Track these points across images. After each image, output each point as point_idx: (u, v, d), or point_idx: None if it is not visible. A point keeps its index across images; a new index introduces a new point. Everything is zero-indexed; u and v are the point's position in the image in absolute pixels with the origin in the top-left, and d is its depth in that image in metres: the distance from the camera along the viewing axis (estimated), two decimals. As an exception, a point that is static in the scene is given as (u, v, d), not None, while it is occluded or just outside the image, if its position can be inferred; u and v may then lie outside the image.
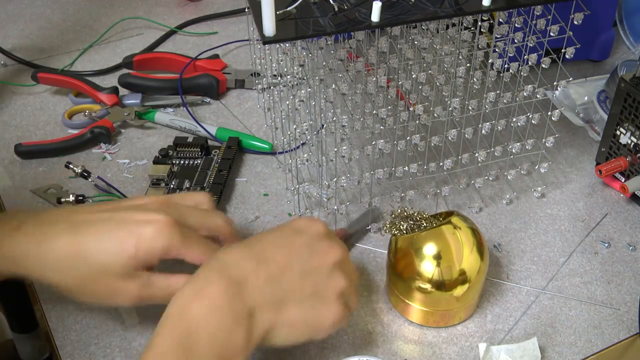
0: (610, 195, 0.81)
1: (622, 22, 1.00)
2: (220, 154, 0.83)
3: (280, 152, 0.85)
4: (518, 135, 0.77)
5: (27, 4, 1.12)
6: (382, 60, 0.71)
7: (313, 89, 0.71)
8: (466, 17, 0.71)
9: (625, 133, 0.77)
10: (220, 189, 0.78)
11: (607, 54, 0.98)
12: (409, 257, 0.64)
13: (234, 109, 0.92)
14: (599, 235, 0.76)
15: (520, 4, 0.65)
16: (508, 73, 0.73)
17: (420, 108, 0.72)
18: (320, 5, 0.63)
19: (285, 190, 0.80)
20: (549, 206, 0.79)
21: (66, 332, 0.66)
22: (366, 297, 0.70)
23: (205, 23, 1.07)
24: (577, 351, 0.65)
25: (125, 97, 0.91)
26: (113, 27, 1.05)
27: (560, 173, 0.83)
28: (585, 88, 0.92)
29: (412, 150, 0.74)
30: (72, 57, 1.00)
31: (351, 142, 0.75)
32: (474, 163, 0.76)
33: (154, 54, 0.97)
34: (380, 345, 0.66)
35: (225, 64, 0.97)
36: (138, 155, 0.85)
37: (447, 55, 0.72)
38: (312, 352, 0.65)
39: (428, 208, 0.78)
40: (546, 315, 0.68)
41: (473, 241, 0.64)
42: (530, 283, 0.71)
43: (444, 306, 0.65)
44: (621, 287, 0.71)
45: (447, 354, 0.65)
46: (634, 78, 0.75)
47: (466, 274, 0.63)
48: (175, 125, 0.88)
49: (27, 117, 0.91)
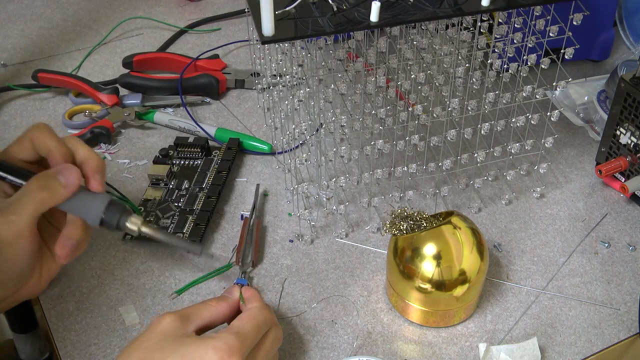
0: (610, 195, 0.81)
1: (622, 22, 1.00)
2: (220, 154, 0.83)
3: (279, 152, 0.85)
4: (517, 136, 0.77)
5: (27, 4, 1.12)
6: (381, 61, 0.71)
7: (312, 89, 0.71)
8: (465, 18, 0.71)
9: (625, 133, 0.77)
10: (219, 190, 0.78)
11: (607, 54, 0.98)
12: (409, 257, 0.64)
13: (233, 109, 0.92)
14: (599, 235, 0.76)
15: (520, 5, 0.65)
16: (507, 73, 0.73)
17: (419, 108, 0.72)
18: (320, 5, 0.63)
19: (285, 190, 0.80)
20: (549, 206, 0.79)
21: (66, 332, 0.67)
22: (366, 297, 0.70)
23: (205, 24, 1.07)
24: (577, 351, 0.65)
25: (126, 97, 0.91)
26: (113, 28, 1.05)
27: (560, 173, 0.83)
28: (585, 88, 0.92)
29: (411, 150, 0.74)
30: (73, 57, 1.00)
31: (350, 142, 0.75)
32: (474, 163, 0.76)
33: (154, 54, 0.97)
34: (380, 345, 0.66)
35: (225, 64, 0.97)
36: (138, 155, 0.85)
37: (446, 56, 0.72)
38: (312, 352, 0.65)
39: (427, 208, 0.78)
40: (546, 315, 0.68)
41: (473, 241, 0.64)
42: (530, 283, 0.71)
43: (444, 306, 0.65)
44: (621, 287, 0.71)
45: (447, 354, 0.65)
46: (634, 78, 0.75)
47: (466, 274, 0.63)
48: (174, 125, 0.88)
49: (27, 117, 0.91)
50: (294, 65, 0.69)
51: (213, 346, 0.54)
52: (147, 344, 0.55)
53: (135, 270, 0.72)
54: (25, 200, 0.58)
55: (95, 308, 0.69)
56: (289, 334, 0.67)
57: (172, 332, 0.56)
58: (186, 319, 0.58)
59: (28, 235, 0.58)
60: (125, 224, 0.62)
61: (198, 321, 0.58)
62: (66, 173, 0.59)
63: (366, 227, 0.76)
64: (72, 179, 0.59)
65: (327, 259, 0.73)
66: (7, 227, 0.57)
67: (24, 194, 0.58)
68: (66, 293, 0.70)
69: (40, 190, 0.58)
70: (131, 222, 0.61)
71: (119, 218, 0.61)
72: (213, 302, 0.61)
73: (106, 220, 0.61)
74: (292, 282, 0.71)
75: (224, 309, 0.61)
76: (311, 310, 0.69)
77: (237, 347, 0.55)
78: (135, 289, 0.70)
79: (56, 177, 0.59)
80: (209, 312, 0.60)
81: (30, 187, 0.58)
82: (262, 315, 0.59)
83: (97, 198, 0.61)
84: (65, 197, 0.59)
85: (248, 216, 0.77)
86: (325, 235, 0.76)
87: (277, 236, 0.76)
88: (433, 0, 0.64)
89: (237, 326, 0.57)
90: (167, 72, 0.96)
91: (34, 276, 0.62)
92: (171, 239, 0.64)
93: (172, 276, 0.71)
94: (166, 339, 0.56)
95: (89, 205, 0.61)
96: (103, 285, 0.71)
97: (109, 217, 0.61)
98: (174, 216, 0.76)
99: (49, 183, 0.58)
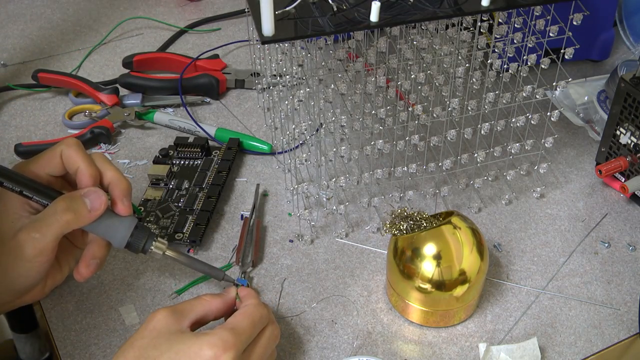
0: (610, 195, 0.81)
1: (622, 22, 1.00)
2: (220, 154, 0.83)
3: (279, 152, 0.85)
4: (517, 136, 0.77)
5: (27, 4, 1.12)
6: (381, 60, 0.71)
7: (312, 89, 0.71)
8: (465, 18, 0.71)
9: (625, 133, 0.77)
10: (219, 190, 0.78)
11: (607, 54, 0.98)
12: (409, 257, 0.64)
13: (233, 109, 0.92)
14: (599, 235, 0.76)
15: (520, 5, 0.65)
16: (507, 73, 0.73)
17: (419, 108, 0.72)
18: (320, 5, 0.63)
19: (285, 190, 0.80)
20: (549, 206, 0.79)
21: (66, 332, 0.67)
22: (366, 297, 0.70)
23: (205, 24, 1.07)
24: (577, 351, 0.65)
25: (126, 97, 0.91)
26: (113, 28, 1.05)
27: (560, 173, 0.83)
28: (585, 88, 0.92)
29: (411, 150, 0.74)
30: (73, 57, 1.00)
31: (350, 142, 0.75)
32: (473, 163, 0.76)
33: (154, 54, 0.97)
34: (380, 345, 0.66)
35: (225, 64, 0.97)
36: (138, 155, 0.85)
37: (446, 56, 0.72)
38: (312, 352, 0.65)
39: (427, 208, 0.78)
40: (546, 315, 0.68)
41: (473, 241, 0.64)
42: (530, 283, 0.71)
43: (444, 306, 0.65)
44: (621, 287, 0.71)
45: (447, 354, 0.65)
46: (634, 78, 0.75)
47: (466, 274, 0.63)
48: (174, 125, 0.88)
49: (27, 117, 0.91)
50: (294, 65, 0.69)
51: (208, 342, 0.54)
52: (142, 341, 0.56)
53: (135, 270, 0.72)
54: (50, 220, 0.58)
55: (95, 308, 0.69)
56: (289, 334, 0.67)
57: (166, 328, 0.56)
58: (180, 314, 0.58)
59: (49, 254, 0.59)
60: (151, 247, 0.63)
61: (192, 315, 0.58)
62: (93, 197, 0.60)
63: (366, 227, 0.76)
64: (97, 204, 0.60)
65: (327, 259, 0.73)
66: (30, 244, 0.58)
67: (49, 213, 0.59)
68: (66, 293, 0.70)
69: (66, 212, 0.58)
70: (156, 246, 0.63)
71: (145, 242, 0.63)
72: (207, 297, 0.61)
73: (132, 244, 0.62)
74: (292, 282, 0.71)
75: (219, 303, 0.61)
76: (311, 310, 0.69)
77: (232, 342, 0.55)
78: (135, 289, 0.70)
79: (83, 200, 0.59)
80: (202, 306, 0.60)
81: (56, 208, 0.58)
82: (257, 313, 0.59)
83: (124, 221, 0.62)
84: (90, 221, 0.60)
85: (248, 216, 0.77)
86: (325, 235, 0.76)
87: (277, 236, 0.76)
88: (433, 0, 0.64)
89: (233, 322, 0.57)
90: (167, 72, 0.96)
91: (39, 285, 0.62)
92: (195, 264, 0.66)
93: (172, 276, 0.71)
94: (161, 336, 0.56)
95: (116, 228, 0.62)
96: (103, 285, 0.71)
97: (135, 241, 0.62)
98: (174, 216, 0.76)
99: (74, 205, 0.59)
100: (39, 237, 0.58)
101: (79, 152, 0.62)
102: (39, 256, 0.58)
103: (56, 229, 0.58)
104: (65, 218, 0.58)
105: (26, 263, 0.58)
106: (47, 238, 0.58)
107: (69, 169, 0.62)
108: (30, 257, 0.58)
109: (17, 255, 0.58)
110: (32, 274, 0.60)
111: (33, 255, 0.58)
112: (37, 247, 0.58)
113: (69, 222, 0.58)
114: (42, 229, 0.58)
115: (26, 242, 0.58)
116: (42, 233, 0.58)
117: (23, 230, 0.58)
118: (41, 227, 0.58)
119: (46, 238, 0.58)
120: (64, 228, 0.58)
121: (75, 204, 0.59)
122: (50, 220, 0.58)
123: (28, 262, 0.58)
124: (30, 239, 0.58)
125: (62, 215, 0.58)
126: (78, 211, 0.59)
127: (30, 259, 0.58)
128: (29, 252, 0.58)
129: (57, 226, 0.58)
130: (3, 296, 0.61)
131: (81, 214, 0.59)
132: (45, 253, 0.58)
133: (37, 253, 0.58)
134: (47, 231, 0.58)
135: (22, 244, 0.58)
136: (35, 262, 0.59)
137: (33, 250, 0.58)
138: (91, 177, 0.61)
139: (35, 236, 0.58)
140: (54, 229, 0.58)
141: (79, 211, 0.59)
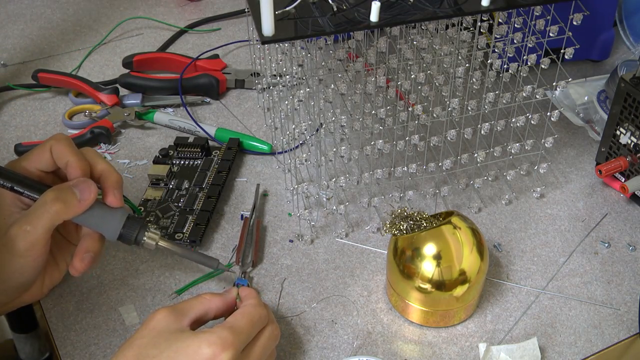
0: (610, 195, 0.81)
1: (622, 22, 1.00)
2: (220, 154, 0.83)
3: (279, 152, 0.85)
4: (517, 136, 0.77)
5: (27, 4, 1.12)
6: (381, 60, 0.71)
7: (312, 89, 0.71)
8: (465, 18, 0.71)
9: (625, 133, 0.77)
10: (219, 190, 0.78)
11: (607, 54, 0.98)
12: (409, 257, 0.64)
13: (233, 109, 0.92)
14: (599, 235, 0.76)
15: (520, 5, 0.65)
16: (507, 73, 0.74)
17: (419, 108, 0.72)
18: (320, 5, 0.63)
19: (285, 190, 0.80)
20: (549, 206, 0.79)
21: (66, 332, 0.67)
22: (366, 297, 0.70)
23: (205, 24, 1.07)
24: (577, 351, 0.65)
25: (126, 97, 0.91)
26: (113, 28, 1.05)
27: (560, 173, 0.83)
28: (585, 88, 0.92)
29: (411, 150, 0.74)
30: (73, 57, 1.00)
31: (350, 142, 0.75)
32: (473, 163, 0.76)
33: (154, 54, 0.97)
34: (380, 345, 0.66)
35: (225, 64, 0.97)
36: (138, 155, 0.85)
37: (446, 56, 0.72)
38: (312, 352, 0.65)
39: (427, 208, 0.78)
40: (546, 315, 0.68)
41: (473, 241, 0.64)
42: (530, 283, 0.71)
43: (444, 306, 0.65)
44: (621, 287, 0.71)
45: (447, 354, 0.65)
46: (634, 78, 0.75)
47: (466, 274, 0.63)
48: (174, 125, 0.88)
49: (27, 117, 0.91)
50: (294, 65, 0.69)
51: (207, 340, 0.54)
52: (141, 340, 0.55)
53: (135, 270, 0.72)
54: (40, 211, 0.58)
55: (95, 308, 0.69)
56: (289, 334, 0.67)
57: (165, 327, 0.56)
58: (180, 313, 0.58)
59: (41, 247, 0.59)
60: (143, 238, 0.63)
61: (192, 314, 0.58)
62: (82, 187, 0.60)
63: (366, 227, 0.76)
64: (87, 194, 0.59)
65: (327, 259, 0.73)
66: (22, 237, 0.58)
67: (39, 205, 0.58)
68: (66, 293, 0.70)
69: (55, 202, 0.58)
70: (149, 237, 0.63)
71: (137, 233, 0.62)
72: (207, 296, 0.61)
73: (124, 235, 0.62)
74: (292, 282, 0.71)
75: (218, 302, 0.61)
76: (311, 310, 0.69)
77: (231, 341, 0.55)
78: (135, 289, 0.70)
79: (72, 190, 0.59)
80: (202, 305, 0.60)
81: (45, 199, 0.58)
82: (257, 312, 0.59)
83: (116, 213, 0.62)
84: (80, 210, 0.60)
85: (248, 216, 0.77)
86: (325, 235, 0.76)
87: (277, 236, 0.76)
88: (433, 0, 0.64)
89: (232, 321, 0.57)
90: (167, 72, 0.96)
91: (37, 284, 0.62)
92: (188, 254, 0.66)
93: (172, 276, 0.71)
94: (160, 335, 0.56)
95: (108, 220, 0.62)
96: (103, 285, 0.71)
97: (127, 232, 0.62)
98: (174, 216, 0.76)
99: (63, 195, 0.59)
100: (30, 229, 0.57)
101: (68, 147, 0.62)
102: (31, 249, 0.58)
103: (46, 220, 0.58)
104: (54, 208, 0.58)
105: (20, 259, 0.58)
106: (38, 230, 0.57)
107: (59, 163, 0.62)
108: (22, 251, 0.58)
109: (9, 250, 0.58)
110: (27, 270, 0.59)
111: (25, 249, 0.58)
112: (28, 240, 0.57)
113: (58, 212, 0.58)
114: (33, 221, 0.58)
115: (17, 236, 0.57)
116: (32, 225, 0.57)
117: (14, 225, 0.58)
118: (32, 219, 0.58)
119: (37, 230, 0.57)
120: (54, 219, 0.58)
121: (64, 194, 0.59)
122: (40, 212, 0.58)
123: (21, 257, 0.58)
124: (22, 232, 0.57)
125: (52, 205, 0.58)
126: (67, 201, 0.58)
127: (22, 253, 0.58)
128: (21, 246, 0.57)
129: (47, 217, 0.58)
130: (1, 296, 0.61)
131: (71, 203, 0.59)
132: (37, 246, 0.58)
133: (29, 246, 0.58)
134: (38, 223, 0.57)
135: (14, 238, 0.57)
136: (28, 257, 0.58)
137: (25, 243, 0.57)
138: (81, 170, 0.61)
139: (27, 228, 0.57)
140: (44, 220, 0.58)
141: (69, 201, 0.58)
